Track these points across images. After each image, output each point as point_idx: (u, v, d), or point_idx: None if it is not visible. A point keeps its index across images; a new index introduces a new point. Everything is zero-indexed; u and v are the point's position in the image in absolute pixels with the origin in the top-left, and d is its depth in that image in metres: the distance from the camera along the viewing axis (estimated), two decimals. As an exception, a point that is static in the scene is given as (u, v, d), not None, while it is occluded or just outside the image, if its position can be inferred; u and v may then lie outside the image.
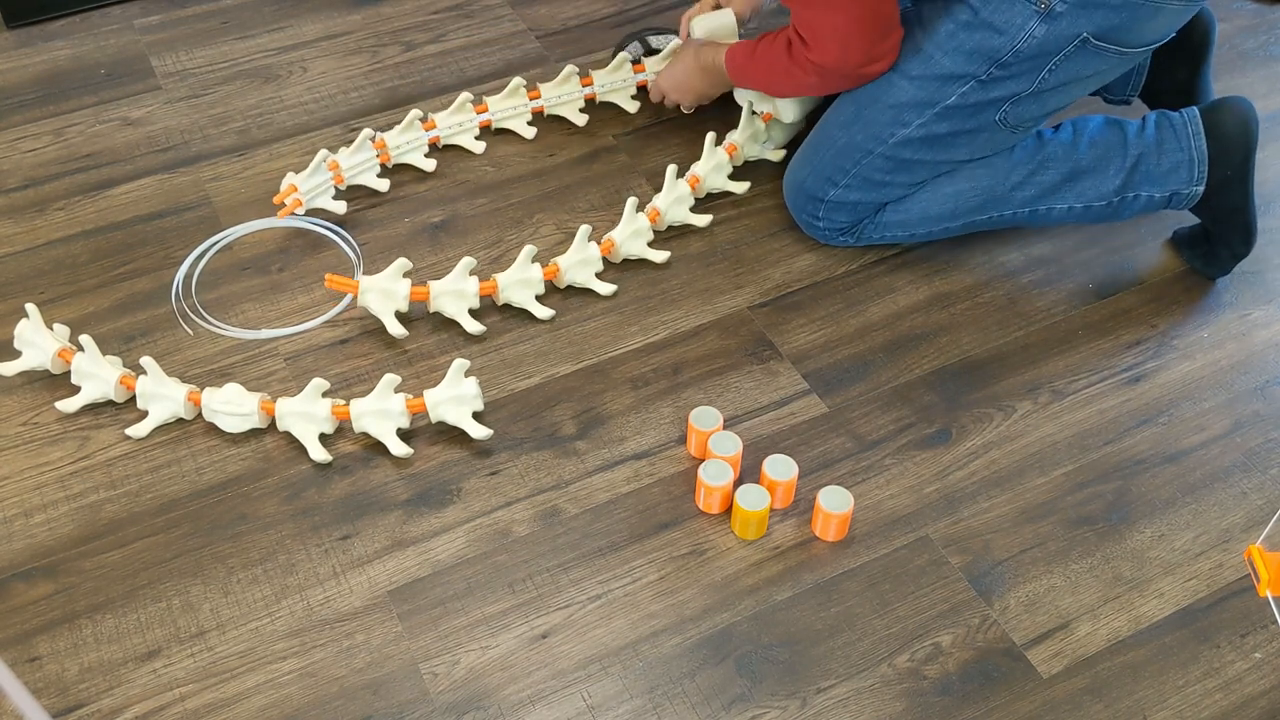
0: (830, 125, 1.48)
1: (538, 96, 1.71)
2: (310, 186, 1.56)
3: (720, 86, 1.63)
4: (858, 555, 1.24)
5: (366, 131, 1.61)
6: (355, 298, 1.42)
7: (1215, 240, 1.49)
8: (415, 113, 1.65)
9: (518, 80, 1.70)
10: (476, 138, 1.69)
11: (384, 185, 1.61)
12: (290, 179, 1.56)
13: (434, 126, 1.66)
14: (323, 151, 1.56)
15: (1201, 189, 1.44)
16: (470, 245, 1.54)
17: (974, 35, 1.33)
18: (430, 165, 1.65)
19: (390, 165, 1.64)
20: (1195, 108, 1.45)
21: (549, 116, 1.73)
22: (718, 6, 1.68)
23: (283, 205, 1.54)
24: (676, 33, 1.75)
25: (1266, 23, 1.94)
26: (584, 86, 1.72)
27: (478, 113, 1.69)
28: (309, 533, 1.25)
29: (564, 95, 1.71)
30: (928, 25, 1.38)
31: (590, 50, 1.86)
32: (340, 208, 1.57)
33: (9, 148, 1.68)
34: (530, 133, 1.70)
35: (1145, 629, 1.19)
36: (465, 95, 1.67)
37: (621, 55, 1.75)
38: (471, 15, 1.94)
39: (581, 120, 1.72)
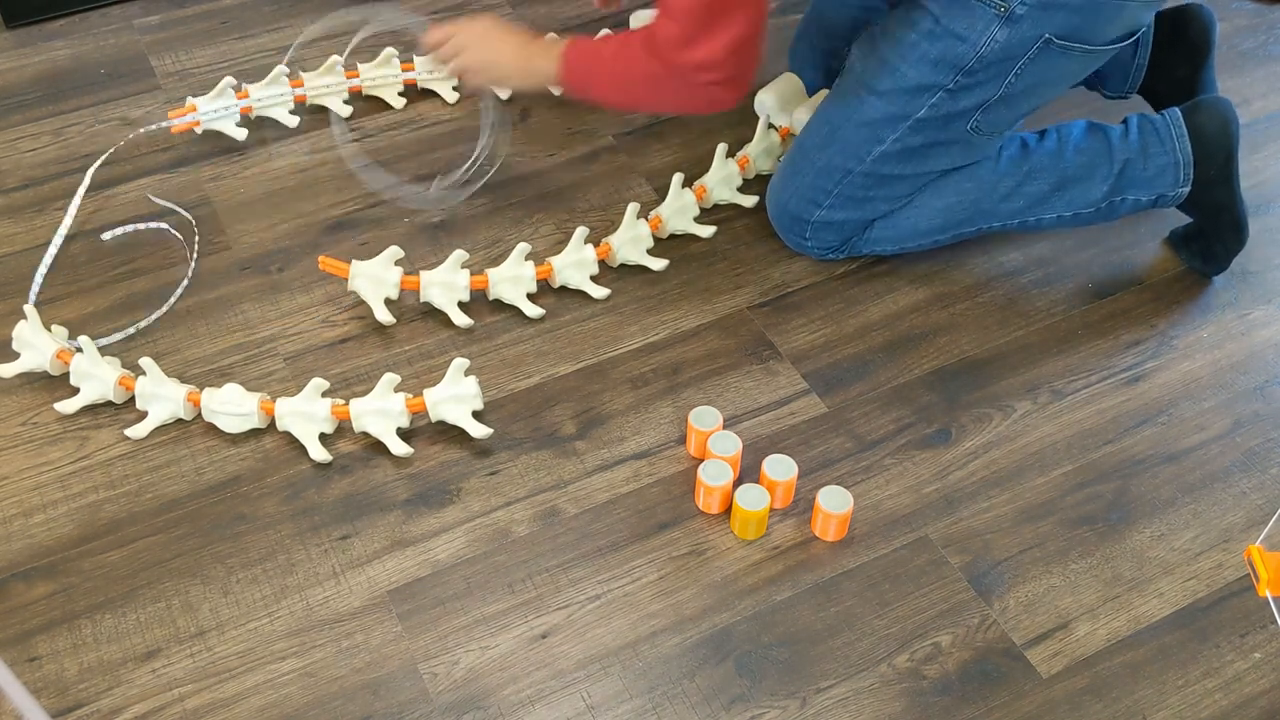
0: (807, 147, 1.46)
1: (356, 75, 1.72)
2: (211, 109, 1.61)
3: (528, 83, 1.51)
4: (857, 555, 1.24)
5: (280, 68, 1.66)
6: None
7: (1210, 237, 1.49)
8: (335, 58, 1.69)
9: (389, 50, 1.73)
10: (345, 101, 1.72)
11: (293, 121, 1.67)
12: (192, 100, 1.63)
13: (356, 75, 1.71)
14: (228, 78, 1.63)
15: (1187, 189, 1.44)
16: (470, 245, 1.54)
17: (937, 44, 1.33)
18: (346, 110, 1.70)
19: (307, 105, 1.70)
20: (1177, 109, 1.45)
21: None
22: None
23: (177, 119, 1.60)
24: None
25: (1266, 22, 1.93)
26: (405, 70, 1.73)
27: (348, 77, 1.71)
28: (309, 532, 1.25)
29: (383, 77, 1.72)
30: (891, 38, 1.37)
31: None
32: (241, 135, 1.63)
33: (9, 148, 1.68)
34: (400, 103, 1.73)
35: (1145, 629, 1.19)
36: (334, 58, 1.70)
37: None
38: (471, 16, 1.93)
39: (400, 104, 1.73)
